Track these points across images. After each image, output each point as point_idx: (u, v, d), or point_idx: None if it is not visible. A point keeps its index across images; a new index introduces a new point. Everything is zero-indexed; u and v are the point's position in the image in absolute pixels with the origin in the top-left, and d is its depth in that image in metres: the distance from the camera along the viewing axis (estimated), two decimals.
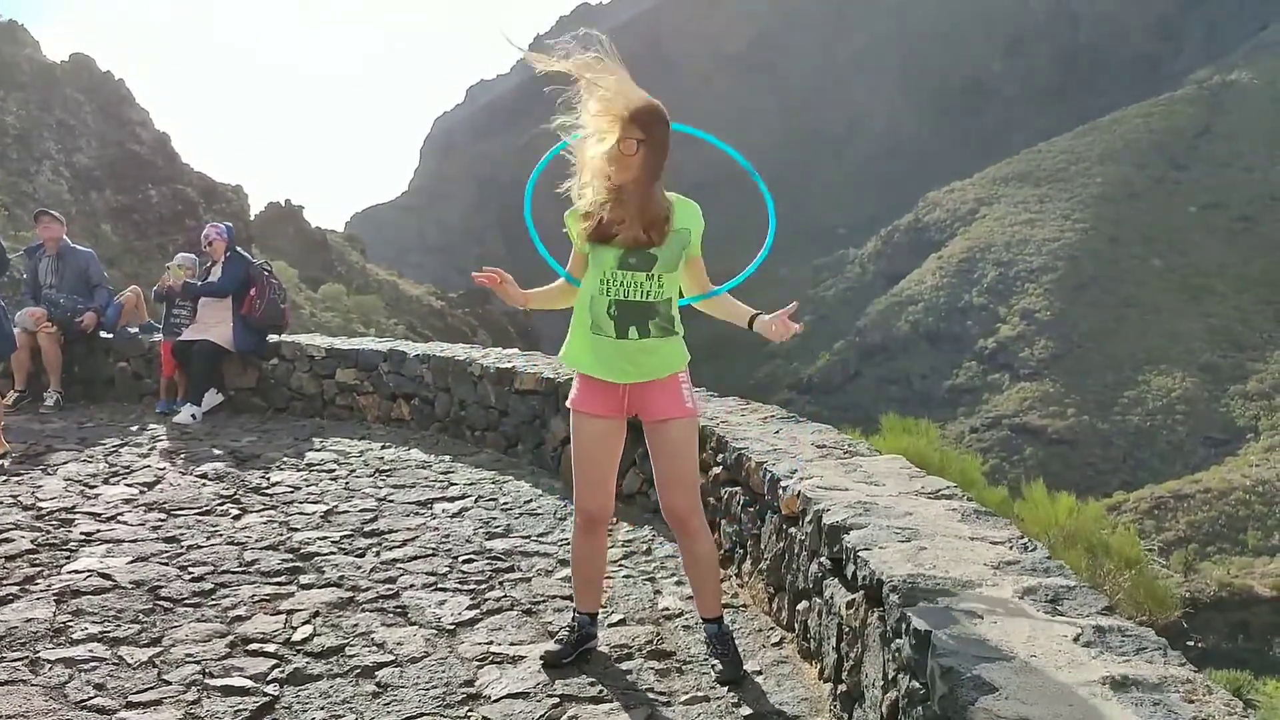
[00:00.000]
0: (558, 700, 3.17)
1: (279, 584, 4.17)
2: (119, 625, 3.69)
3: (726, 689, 3.25)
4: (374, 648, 3.56)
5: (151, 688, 3.20)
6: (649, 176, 3.11)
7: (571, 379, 3.50)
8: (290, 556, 4.53)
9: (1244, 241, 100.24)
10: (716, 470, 4.62)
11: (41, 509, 5.20)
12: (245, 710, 3.07)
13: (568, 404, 3.44)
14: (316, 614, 3.85)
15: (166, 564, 4.37)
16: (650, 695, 3.22)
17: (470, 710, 3.11)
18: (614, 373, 3.26)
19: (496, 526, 5.14)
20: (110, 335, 9.23)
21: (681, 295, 3.38)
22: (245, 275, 8.39)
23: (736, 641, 3.54)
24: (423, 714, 3.08)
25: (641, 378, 3.27)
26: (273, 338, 8.79)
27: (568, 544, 3.82)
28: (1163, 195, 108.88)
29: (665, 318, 3.24)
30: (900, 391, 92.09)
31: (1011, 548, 2.97)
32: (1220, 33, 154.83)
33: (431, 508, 5.49)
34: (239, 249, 8.60)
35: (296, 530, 4.98)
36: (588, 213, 3.18)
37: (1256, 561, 49.63)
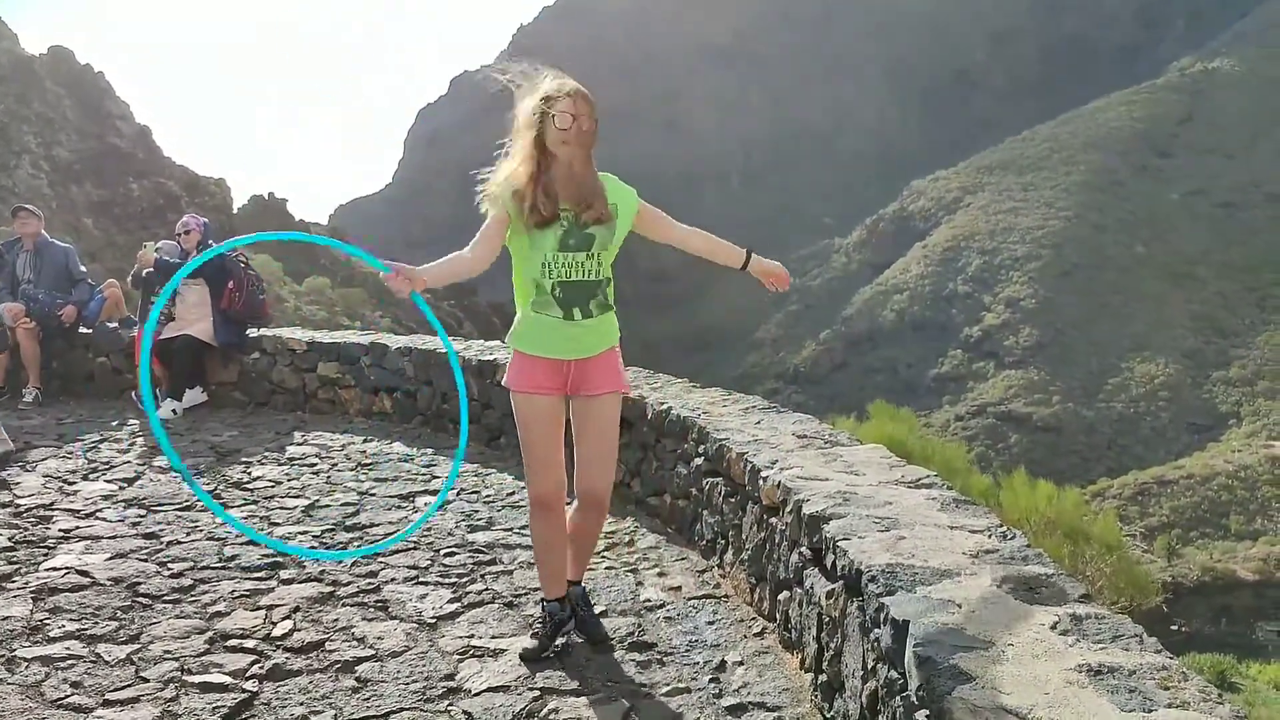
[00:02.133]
0: (538, 693, 3.16)
1: (259, 579, 4.15)
2: (97, 622, 3.66)
3: (708, 680, 3.25)
4: (354, 642, 3.54)
5: (129, 685, 3.18)
6: (590, 151, 3.26)
7: None
8: (270, 552, 4.50)
9: (1226, 228, 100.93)
10: (698, 461, 4.61)
11: (19, 506, 5.15)
12: (224, 707, 3.05)
13: (504, 384, 3.47)
14: (296, 609, 3.82)
15: (145, 560, 4.34)
16: (631, 687, 3.22)
17: (450, 704, 3.10)
18: (561, 350, 3.33)
19: (479, 519, 5.12)
20: (89, 330, 9.16)
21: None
22: (220, 264, 8.31)
23: (718, 631, 3.56)
24: (402, 709, 3.07)
25: (584, 354, 3.36)
26: (253, 331, 8.73)
27: None
28: (1146, 183, 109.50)
29: (605, 294, 3.35)
30: (886, 380, 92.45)
31: (990, 536, 2.97)
32: (1202, 21, 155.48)
33: (414, 501, 5.47)
34: (213, 244, 8.53)
35: (277, 525, 4.95)
36: (518, 191, 3.24)
37: (1239, 546, 50.10)
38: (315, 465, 6.31)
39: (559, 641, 3.47)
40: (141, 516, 5.03)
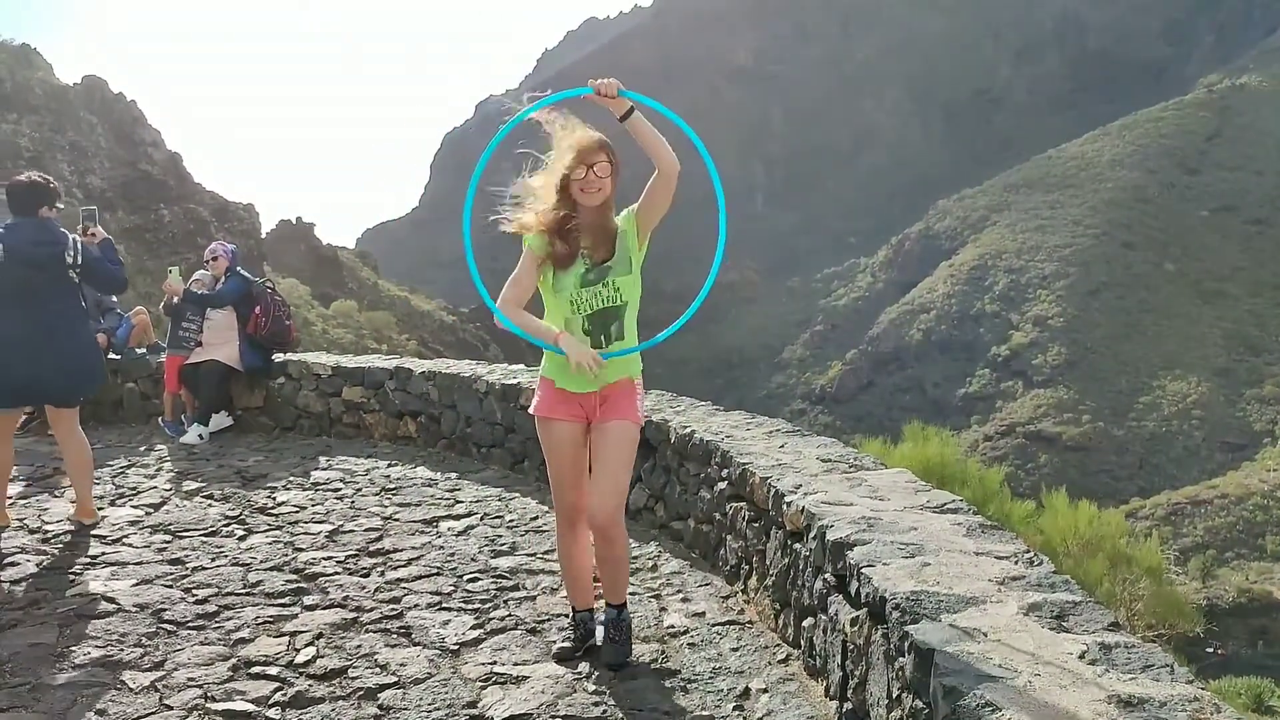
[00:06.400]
0: None
1: (283, 605, 4.15)
2: (122, 649, 3.67)
3: (732, 707, 3.22)
4: (377, 669, 3.53)
5: (153, 712, 3.18)
6: (611, 200, 3.46)
7: None
8: (295, 577, 4.51)
9: (1257, 244, 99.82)
10: (722, 486, 4.59)
11: (47, 532, 5.20)
12: None
13: (531, 411, 3.65)
14: (320, 635, 3.83)
15: (171, 586, 4.36)
16: (655, 714, 3.19)
17: None
18: (588, 384, 3.46)
19: (502, 544, 5.11)
20: (118, 356, 9.25)
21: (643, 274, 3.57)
22: (246, 291, 8.40)
23: (742, 658, 3.55)
24: None
25: (605, 383, 3.48)
26: (279, 356, 8.80)
27: None
28: (1174, 200, 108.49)
29: (625, 324, 3.49)
30: (914, 400, 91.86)
31: (1017, 563, 2.93)
32: (1229, 37, 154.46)
33: (437, 526, 5.47)
34: (241, 270, 8.62)
35: (301, 550, 4.96)
36: (545, 234, 3.41)
37: (1276, 567, 49.23)
38: (340, 490, 6.33)
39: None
40: (167, 542, 5.06)
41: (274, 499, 6.05)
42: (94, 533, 5.19)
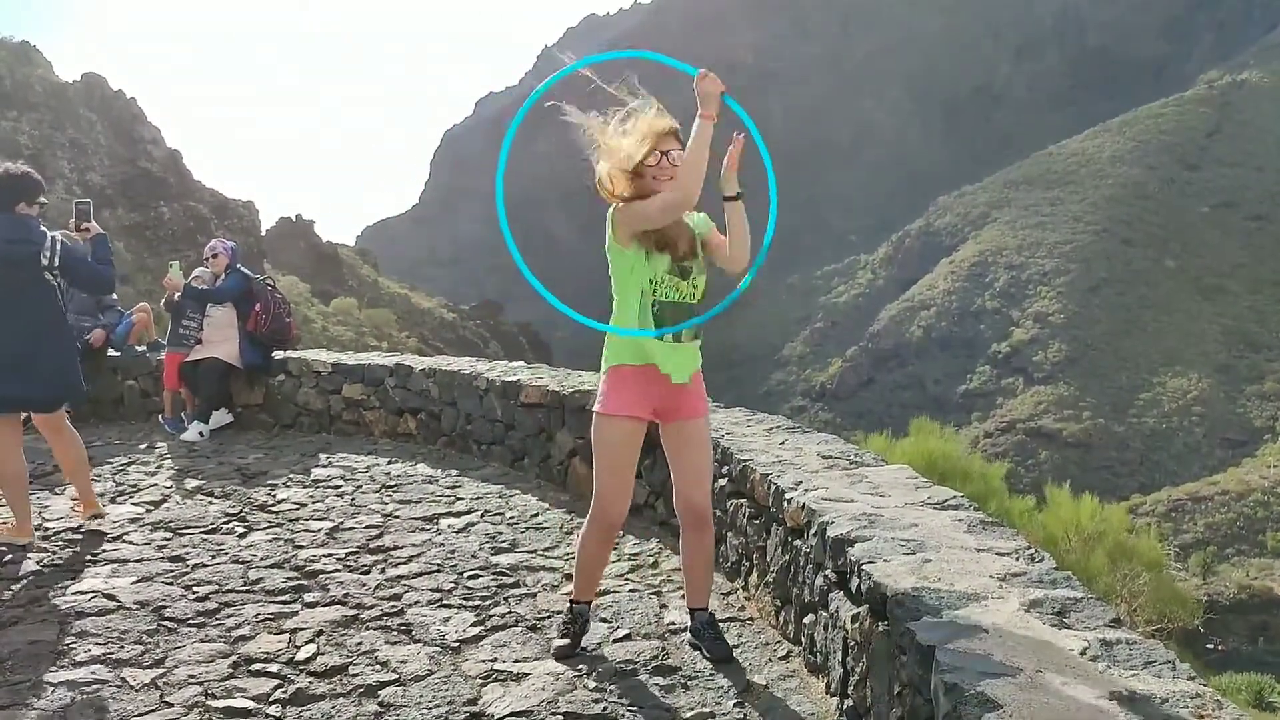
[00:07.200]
0: (561, 718, 3.13)
1: (283, 603, 4.15)
2: (122, 646, 3.67)
3: (733, 704, 3.22)
4: (377, 666, 3.53)
5: (153, 710, 3.18)
6: None
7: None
8: (295, 574, 4.51)
9: (1257, 241, 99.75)
10: (722, 482, 4.58)
11: (48, 529, 5.20)
12: None
13: (599, 410, 3.48)
14: (320, 633, 3.82)
15: (171, 583, 4.36)
16: (656, 711, 3.19)
17: None
18: (657, 360, 3.39)
19: (502, 541, 5.11)
20: (118, 354, 9.25)
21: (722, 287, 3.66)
22: (246, 288, 8.41)
23: (743, 655, 3.56)
24: None
25: (677, 377, 3.43)
26: (279, 354, 8.79)
27: (573, 558, 3.80)
28: (1174, 196, 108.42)
29: (698, 321, 3.46)
30: (914, 397, 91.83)
31: (1018, 559, 2.93)
32: (1229, 33, 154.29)
33: (437, 523, 5.47)
34: (241, 267, 8.61)
35: (302, 548, 4.96)
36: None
37: (1276, 563, 49.22)
38: (340, 487, 6.33)
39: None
40: (168, 539, 5.06)
41: (274, 496, 6.05)
42: (94, 530, 5.19)
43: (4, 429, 4.96)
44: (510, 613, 4.07)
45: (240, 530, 5.27)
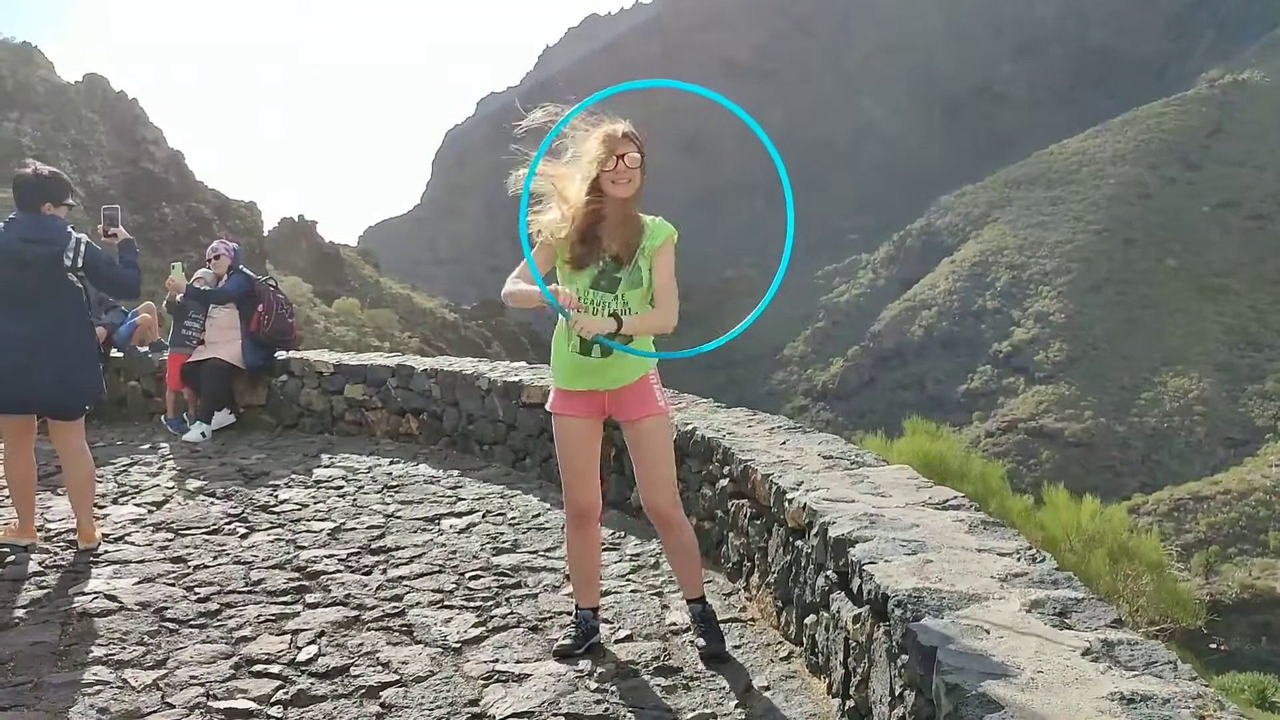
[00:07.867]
0: (563, 719, 3.13)
1: (285, 603, 4.16)
2: (124, 647, 3.67)
3: (735, 705, 3.22)
4: (379, 667, 3.53)
5: (155, 710, 3.19)
6: (640, 192, 3.43)
7: None
8: (296, 575, 4.51)
9: (1258, 240, 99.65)
10: (724, 483, 4.59)
11: (50, 530, 5.20)
12: None
13: (548, 408, 3.70)
14: (322, 634, 3.83)
15: (173, 585, 4.36)
16: (657, 712, 3.19)
17: None
18: (587, 383, 3.52)
19: (504, 542, 5.11)
20: (121, 354, 9.26)
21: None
22: (249, 289, 8.41)
23: (744, 655, 3.55)
24: None
25: (612, 385, 3.52)
26: (281, 354, 8.80)
27: None
28: (1176, 195, 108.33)
29: (614, 346, 3.41)
30: (915, 396, 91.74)
31: (1019, 559, 2.93)
32: (1230, 32, 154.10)
33: (439, 523, 5.47)
34: (243, 268, 8.62)
35: (303, 548, 4.96)
36: (565, 233, 3.40)
37: (1278, 563, 49.18)
38: (342, 488, 6.33)
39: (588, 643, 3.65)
40: (170, 540, 5.06)
41: (276, 497, 6.05)
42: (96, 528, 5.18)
43: (12, 429, 4.92)
44: (512, 613, 4.07)
45: (242, 531, 5.27)
